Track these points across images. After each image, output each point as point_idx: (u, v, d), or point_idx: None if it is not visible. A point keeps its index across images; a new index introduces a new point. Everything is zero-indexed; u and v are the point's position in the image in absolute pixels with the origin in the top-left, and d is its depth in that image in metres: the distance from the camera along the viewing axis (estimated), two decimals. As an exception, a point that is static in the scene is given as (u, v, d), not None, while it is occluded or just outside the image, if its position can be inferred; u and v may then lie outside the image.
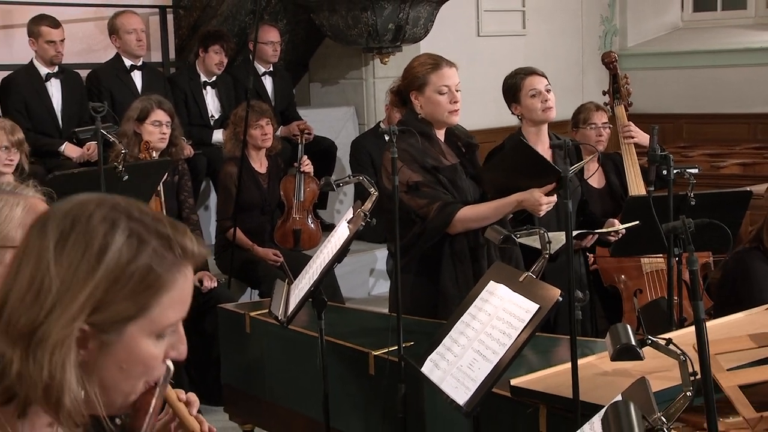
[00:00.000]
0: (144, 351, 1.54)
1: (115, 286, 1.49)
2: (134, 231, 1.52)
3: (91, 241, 1.50)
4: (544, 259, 3.11)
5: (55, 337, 1.47)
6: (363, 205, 3.78)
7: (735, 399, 2.87)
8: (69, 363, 1.48)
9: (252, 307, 4.74)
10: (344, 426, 3.89)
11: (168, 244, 1.54)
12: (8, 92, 6.80)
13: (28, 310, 1.49)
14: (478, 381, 2.88)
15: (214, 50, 7.46)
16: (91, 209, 1.53)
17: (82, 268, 1.49)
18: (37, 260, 1.50)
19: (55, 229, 1.52)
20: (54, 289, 1.48)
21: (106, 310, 1.49)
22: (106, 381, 1.54)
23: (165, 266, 1.53)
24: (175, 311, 1.57)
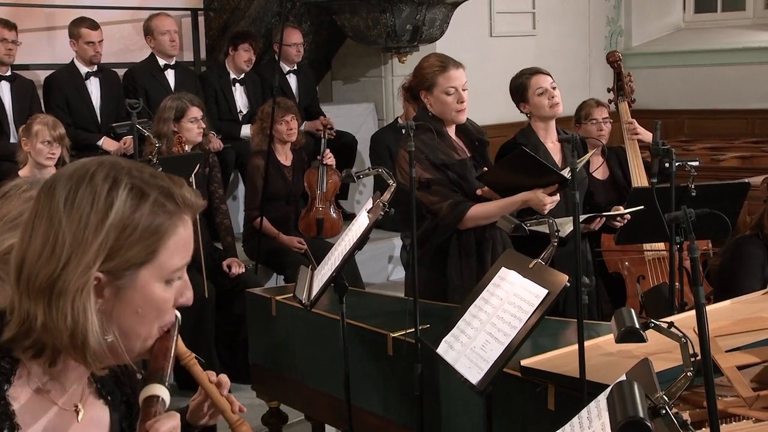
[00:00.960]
0: (156, 294, 1.59)
1: (123, 234, 1.54)
2: (135, 185, 1.57)
3: (97, 197, 1.54)
4: (553, 247, 3.10)
5: (75, 285, 1.52)
6: (382, 195, 3.78)
7: (733, 379, 2.86)
8: (90, 308, 1.53)
9: (278, 291, 4.74)
10: (364, 403, 3.89)
11: (168, 194, 1.60)
12: (51, 90, 6.84)
13: (46, 265, 1.53)
14: (490, 361, 2.88)
15: (244, 48, 7.48)
16: (93, 169, 1.58)
17: (92, 221, 1.53)
18: (49, 219, 1.54)
19: (62, 190, 1.56)
20: (67, 243, 1.52)
21: (117, 257, 1.54)
22: (124, 326, 1.58)
23: (167, 214, 1.59)
24: (180, 256, 1.61)
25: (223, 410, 2.31)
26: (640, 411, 1.52)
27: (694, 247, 2.50)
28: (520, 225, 3.37)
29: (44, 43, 7.49)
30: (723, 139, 9.45)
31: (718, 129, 9.85)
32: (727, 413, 2.84)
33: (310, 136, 7.33)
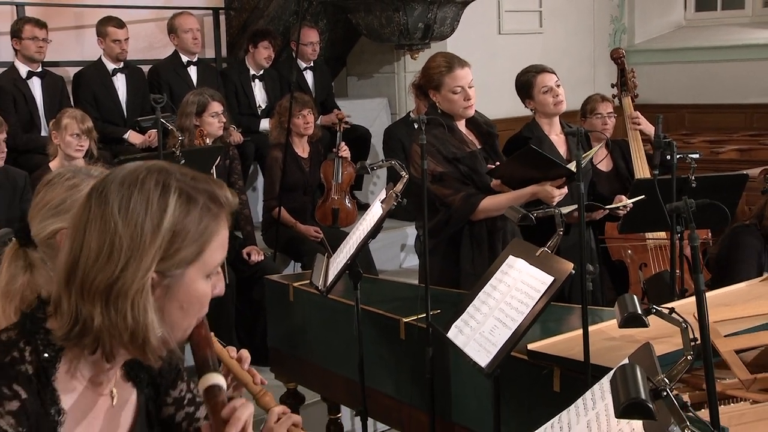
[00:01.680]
0: (200, 290, 1.62)
1: (177, 238, 1.57)
2: (184, 189, 1.60)
3: (150, 203, 1.56)
4: (559, 235, 3.10)
5: (135, 286, 1.53)
6: (395, 186, 3.78)
7: (731, 362, 2.86)
8: (150, 307, 1.56)
9: (295, 278, 4.75)
10: (377, 385, 3.89)
11: (213, 197, 1.63)
12: (79, 85, 6.86)
13: (103, 269, 1.54)
14: (498, 345, 2.88)
15: (263, 45, 7.49)
16: (143, 175, 1.59)
17: (147, 227, 1.55)
18: (103, 225, 1.55)
19: (115, 196, 1.56)
20: (125, 247, 1.54)
21: (170, 258, 1.57)
22: (170, 321, 1.61)
23: (212, 216, 1.62)
24: (221, 253, 1.66)
25: (246, 383, 2.34)
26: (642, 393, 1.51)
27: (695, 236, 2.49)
28: (527, 215, 3.37)
29: (73, 41, 7.51)
30: (722, 132, 9.41)
31: (717, 123, 9.81)
32: (726, 395, 2.84)
33: (326, 130, 7.33)
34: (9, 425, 1.50)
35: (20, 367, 1.55)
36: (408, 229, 7.39)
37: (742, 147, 8.67)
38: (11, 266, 1.98)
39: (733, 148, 8.61)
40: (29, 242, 2.01)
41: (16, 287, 1.92)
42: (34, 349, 1.58)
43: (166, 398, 1.84)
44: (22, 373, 1.55)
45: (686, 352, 2.15)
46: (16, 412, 1.51)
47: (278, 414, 2.31)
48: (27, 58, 6.44)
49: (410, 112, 7.51)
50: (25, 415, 1.52)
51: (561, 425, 1.94)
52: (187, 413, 1.87)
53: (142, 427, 1.75)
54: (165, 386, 1.84)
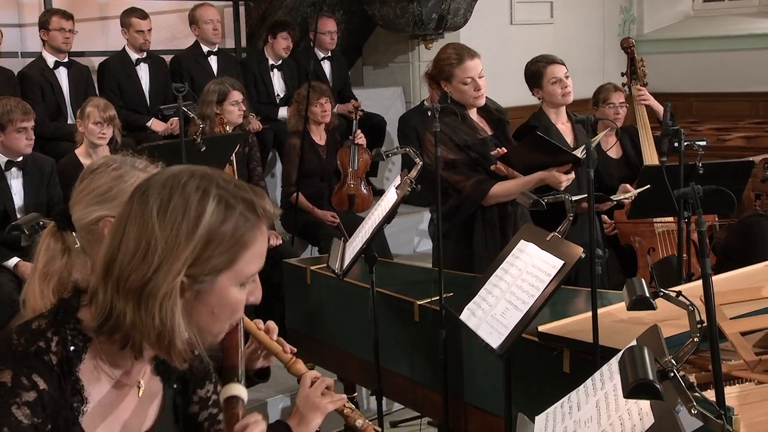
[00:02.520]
0: (232, 297, 1.59)
1: (211, 244, 1.54)
2: (223, 197, 1.56)
3: (188, 207, 1.53)
4: (568, 221, 3.09)
5: (164, 290, 1.51)
6: (409, 173, 3.78)
7: (737, 344, 2.85)
8: (177, 311, 1.53)
9: (312, 261, 4.76)
10: (392, 365, 3.90)
11: (251, 207, 1.59)
12: (104, 75, 6.88)
13: (138, 268, 1.52)
14: (509, 327, 2.87)
15: (282, 36, 7.48)
16: (185, 179, 1.56)
17: (183, 231, 1.52)
18: (142, 224, 1.53)
19: (156, 197, 1.54)
20: (160, 249, 1.51)
21: (202, 264, 1.54)
22: (200, 325, 1.59)
23: (249, 226, 1.58)
24: (256, 263, 1.62)
25: (276, 352, 2.37)
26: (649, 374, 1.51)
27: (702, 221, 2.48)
28: (538, 200, 3.37)
29: (98, 32, 7.53)
30: (729, 120, 9.35)
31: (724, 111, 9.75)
32: (731, 376, 2.83)
33: (343, 118, 7.33)
34: (24, 416, 1.50)
35: (44, 357, 1.55)
36: (422, 215, 7.38)
37: (748, 134, 8.62)
38: (49, 248, 1.98)
39: (740, 136, 8.56)
40: (68, 226, 2.01)
41: (54, 269, 1.92)
42: (61, 339, 1.58)
43: (193, 396, 1.82)
44: (45, 363, 1.54)
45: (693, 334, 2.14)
46: (32, 403, 1.51)
47: (311, 379, 2.33)
48: (54, 48, 6.46)
49: (424, 101, 7.50)
50: (41, 406, 1.52)
51: (571, 405, 1.94)
52: (210, 414, 1.85)
53: (167, 421, 1.74)
54: (193, 384, 1.82)
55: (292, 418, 2.26)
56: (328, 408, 2.28)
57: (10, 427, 1.49)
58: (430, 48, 8.23)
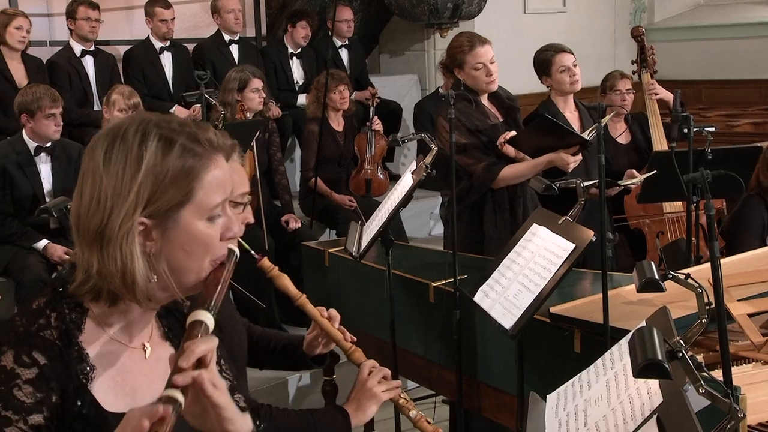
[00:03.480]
0: (200, 231, 1.57)
1: (157, 180, 1.53)
2: (163, 135, 1.56)
3: (130, 150, 1.54)
4: (580, 205, 3.09)
5: (120, 232, 1.52)
6: (424, 158, 3.78)
7: (744, 325, 2.84)
8: (135, 251, 1.53)
9: (330, 244, 4.76)
10: (408, 345, 3.91)
11: (194, 138, 1.58)
12: (129, 63, 6.90)
13: (93, 216, 1.54)
14: (522, 308, 2.87)
15: (301, 25, 7.48)
16: (125, 126, 1.58)
17: (126, 174, 1.53)
18: (93, 176, 1.55)
19: (100, 149, 1.56)
20: (109, 195, 1.53)
21: (156, 202, 1.53)
22: (174, 263, 1.57)
23: (196, 157, 1.57)
24: (217, 193, 1.59)
25: (338, 340, 2.39)
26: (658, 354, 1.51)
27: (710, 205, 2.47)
28: (551, 185, 3.37)
29: (123, 21, 7.54)
30: (737, 106, 9.30)
31: (733, 97, 9.68)
32: (738, 356, 2.82)
33: (360, 105, 7.32)
34: (27, 394, 1.51)
35: (43, 333, 1.56)
36: (437, 199, 7.38)
37: (756, 120, 8.57)
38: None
39: (748, 122, 8.51)
40: None
41: None
42: (59, 314, 1.58)
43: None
44: (44, 339, 1.55)
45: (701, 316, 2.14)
46: (34, 379, 1.52)
47: (369, 367, 2.35)
48: (81, 37, 6.49)
49: (439, 88, 7.48)
50: (44, 379, 1.52)
51: (581, 384, 1.93)
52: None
53: None
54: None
55: (350, 404, 2.30)
56: (384, 397, 2.31)
57: (14, 409, 1.49)
58: (445, 36, 8.19)
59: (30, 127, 5.02)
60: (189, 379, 1.44)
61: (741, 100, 9.56)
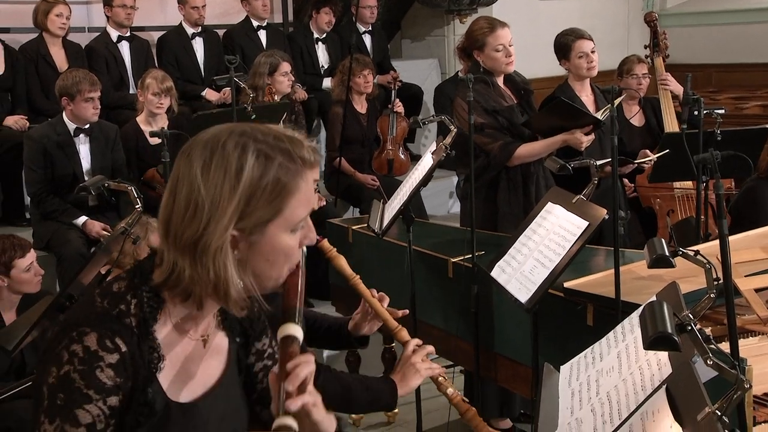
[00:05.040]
0: (283, 243, 1.57)
1: (254, 197, 1.52)
2: (261, 151, 1.54)
3: (229, 165, 1.52)
4: (593, 184, 3.07)
5: (215, 244, 1.51)
6: (444, 139, 3.77)
7: (751, 300, 2.83)
8: (229, 263, 1.53)
9: (354, 221, 4.77)
10: (428, 318, 3.92)
11: (290, 157, 1.56)
12: (162, 49, 6.90)
13: (189, 226, 1.52)
14: (537, 283, 2.87)
15: (325, 11, 7.47)
16: (224, 138, 1.55)
17: (225, 188, 1.51)
18: (189, 185, 1.52)
19: (198, 158, 1.53)
20: (206, 208, 1.51)
21: (249, 217, 1.52)
22: (257, 271, 1.57)
23: (290, 175, 1.55)
24: (303, 209, 1.59)
25: (386, 319, 2.45)
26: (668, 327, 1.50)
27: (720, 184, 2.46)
28: (565, 165, 3.37)
29: (157, 8, 7.54)
30: (746, 89, 9.20)
31: (742, 80, 9.58)
32: (745, 329, 2.82)
33: (382, 88, 7.30)
34: (108, 377, 1.51)
35: (125, 320, 1.56)
36: (455, 178, 7.37)
37: (764, 103, 8.50)
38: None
39: (757, 104, 8.44)
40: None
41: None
42: (139, 302, 1.58)
43: (251, 348, 1.81)
44: (126, 326, 1.55)
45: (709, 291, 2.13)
46: (116, 364, 1.52)
47: (414, 345, 2.42)
48: (117, 24, 6.50)
49: (458, 72, 7.45)
50: (124, 366, 1.53)
51: (594, 355, 1.93)
52: (265, 365, 1.83)
53: (233, 372, 1.74)
54: (253, 337, 1.81)
55: (396, 374, 2.40)
56: (426, 374, 2.41)
57: (96, 389, 1.50)
58: (464, 22, 8.15)
59: (70, 110, 5.04)
60: (300, 404, 1.48)
61: (750, 83, 9.46)
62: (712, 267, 2.19)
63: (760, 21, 9.54)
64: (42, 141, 5.04)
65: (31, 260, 4.05)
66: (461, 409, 2.37)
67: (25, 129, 5.69)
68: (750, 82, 9.48)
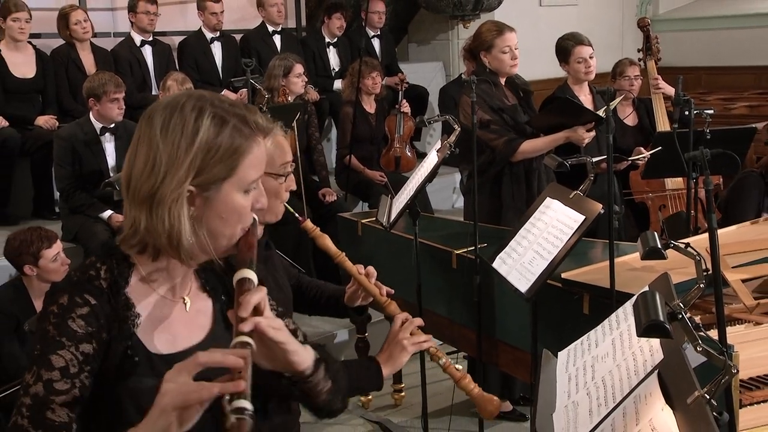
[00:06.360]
0: (237, 202, 1.59)
1: (208, 155, 1.55)
2: (217, 114, 1.57)
3: (186, 124, 1.55)
4: (590, 180, 3.07)
5: (170, 196, 1.54)
6: (448, 138, 3.77)
7: (738, 290, 2.83)
8: (183, 215, 1.55)
9: (363, 215, 4.77)
10: (433, 307, 3.92)
11: (244, 120, 1.59)
12: (183, 52, 6.92)
13: (147, 180, 1.55)
14: (536, 274, 2.87)
15: (336, 17, 7.46)
16: (183, 101, 1.58)
17: (182, 145, 1.54)
18: (149, 143, 1.56)
19: (159, 118, 1.57)
20: (164, 162, 1.54)
21: (204, 173, 1.55)
22: (212, 228, 1.59)
23: (243, 137, 1.58)
24: (255, 170, 1.61)
25: (374, 294, 2.37)
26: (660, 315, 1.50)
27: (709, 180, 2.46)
28: (563, 162, 3.36)
29: (178, 14, 7.55)
30: (734, 91, 9.19)
31: (730, 83, 9.57)
32: (732, 317, 2.81)
33: (390, 89, 7.30)
34: (79, 326, 1.54)
35: (95, 282, 1.59)
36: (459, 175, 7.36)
37: (751, 104, 8.47)
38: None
39: (744, 105, 8.42)
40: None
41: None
42: (108, 267, 1.61)
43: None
44: (95, 287, 1.59)
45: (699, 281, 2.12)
46: (86, 315, 1.55)
47: (402, 320, 2.32)
48: (140, 29, 6.51)
49: (462, 74, 7.44)
50: (95, 316, 1.56)
51: (589, 342, 1.93)
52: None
53: (220, 329, 1.73)
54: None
55: (382, 353, 2.25)
56: (412, 349, 2.26)
57: (67, 337, 1.54)
58: (468, 27, 8.15)
59: (96, 110, 5.05)
60: (252, 325, 1.49)
61: (737, 85, 9.45)
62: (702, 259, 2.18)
63: (747, 26, 9.53)
64: (70, 139, 5.05)
65: (58, 251, 4.07)
66: (455, 376, 2.29)
67: (54, 128, 5.71)
68: (737, 84, 9.46)
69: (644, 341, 1.71)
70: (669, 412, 1.46)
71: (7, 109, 5.77)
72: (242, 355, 1.43)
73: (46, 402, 1.50)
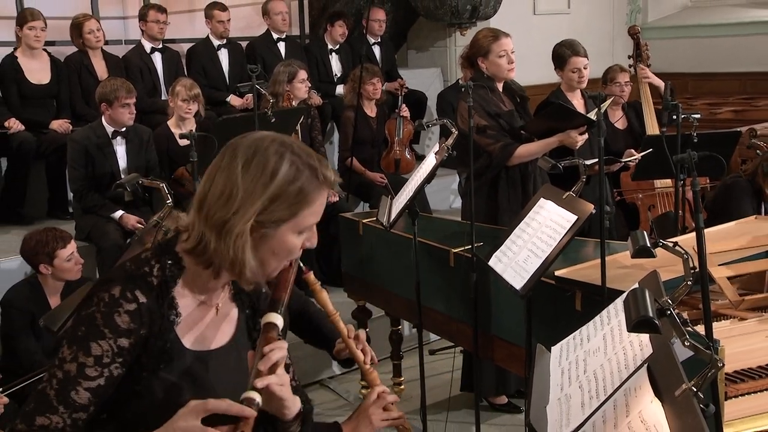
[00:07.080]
0: (290, 242, 1.67)
1: (279, 198, 1.62)
2: (295, 162, 1.64)
3: (266, 166, 1.62)
4: (582, 182, 3.07)
5: (238, 229, 1.60)
6: (446, 141, 3.77)
7: (724, 286, 2.83)
8: (247, 247, 1.62)
9: (364, 215, 4.77)
10: (431, 304, 3.92)
11: (315, 174, 1.66)
12: (191, 59, 6.91)
13: (221, 208, 1.62)
14: (530, 272, 2.87)
15: (338, 24, 7.46)
16: (267, 143, 1.65)
17: (259, 184, 1.61)
18: (229, 174, 1.63)
19: (242, 155, 1.63)
20: (240, 196, 1.61)
21: (270, 213, 1.62)
22: (261, 258, 1.66)
23: (312, 188, 1.66)
24: (314, 218, 1.69)
25: (357, 359, 2.20)
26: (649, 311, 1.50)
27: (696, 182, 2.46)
28: (556, 164, 3.36)
29: (186, 23, 7.56)
30: (719, 96, 9.18)
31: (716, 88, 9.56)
32: (718, 313, 2.82)
33: (390, 94, 7.29)
34: (123, 322, 1.62)
35: (147, 279, 1.66)
36: (457, 176, 7.36)
37: (736, 108, 8.47)
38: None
39: (729, 110, 8.41)
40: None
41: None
42: (161, 266, 1.68)
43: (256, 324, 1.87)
44: (147, 283, 1.66)
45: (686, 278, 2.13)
46: (132, 311, 1.63)
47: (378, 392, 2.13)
48: (150, 37, 6.51)
49: (459, 80, 7.44)
50: (139, 314, 1.63)
51: (582, 337, 1.93)
52: None
53: (242, 336, 1.83)
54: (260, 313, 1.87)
55: (349, 422, 2.16)
56: (381, 425, 2.16)
57: (110, 329, 1.61)
58: (465, 35, 8.14)
59: (108, 114, 5.05)
60: (266, 383, 1.57)
61: (723, 90, 9.44)
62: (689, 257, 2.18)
63: (732, 35, 9.54)
64: (83, 142, 5.06)
65: (72, 250, 4.07)
66: None
67: (68, 132, 5.71)
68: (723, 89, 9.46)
69: (634, 336, 1.71)
70: (658, 404, 1.47)
71: (23, 114, 5.77)
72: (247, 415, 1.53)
73: (74, 383, 1.59)
